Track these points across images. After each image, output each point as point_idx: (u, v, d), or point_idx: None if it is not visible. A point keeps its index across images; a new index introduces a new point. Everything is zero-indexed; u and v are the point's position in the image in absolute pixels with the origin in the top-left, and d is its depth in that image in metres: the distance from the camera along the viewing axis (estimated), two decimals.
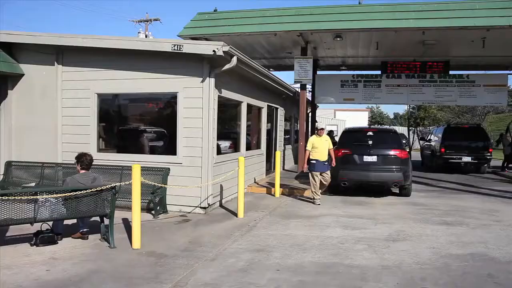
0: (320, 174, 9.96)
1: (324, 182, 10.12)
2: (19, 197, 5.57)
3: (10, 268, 5.22)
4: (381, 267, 5.48)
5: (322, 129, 10.28)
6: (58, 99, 9.55)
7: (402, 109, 60.87)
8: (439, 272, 5.30)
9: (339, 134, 14.00)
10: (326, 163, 10.02)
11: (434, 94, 17.07)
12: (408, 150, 14.11)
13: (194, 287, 4.73)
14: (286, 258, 5.80)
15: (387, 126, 45.28)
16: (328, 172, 10.08)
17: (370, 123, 52.90)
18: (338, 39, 13.62)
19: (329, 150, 10.10)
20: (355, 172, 10.73)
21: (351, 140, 11.31)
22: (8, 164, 9.72)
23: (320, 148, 9.91)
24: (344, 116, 49.54)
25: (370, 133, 11.21)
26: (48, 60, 9.59)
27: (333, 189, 11.39)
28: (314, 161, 9.90)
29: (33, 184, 9.13)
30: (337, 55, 17.15)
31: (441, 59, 16.35)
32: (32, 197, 5.67)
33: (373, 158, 10.68)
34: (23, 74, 9.82)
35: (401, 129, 38.72)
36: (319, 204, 9.83)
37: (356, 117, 48.58)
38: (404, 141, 19.07)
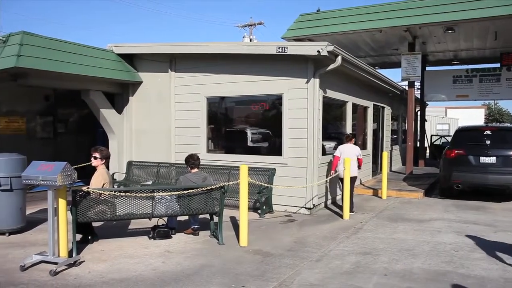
0: None
1: None
2: (139, 194, 6.12)
3: (132, 257, 5.73)
4: (504, 279, 5.00)
5: None
6: (171, 103, 10.25)
7: None
8: None
9: (452, 133, 13.07)
10: None
11: None
12: None
13: (299, 287, 4.76)
14: (394, 263, 5.58)
15: (508, 124, 41.26)
16: None
17: (487, 121, 48.66)
18: (450, 31, 12.75)
19: None
20: (470, 174, 9.95)
21: (465, 140, 10.52)
22: (129, 164, 10.70)
23: None
24: (457, 114, 46.14)
25: (488, 131, 10.31)
26: (162, 68, 10.35)
27: (445, 192, 10.72)
28: None
29: (150, 182, 9.93)
30: (448, 49, 16.07)
31: None
32: (150, 194, 6.16)
33: (492, 159, 9.81)
34: (142, 82, 10.71)
35: None
36: None
37: (470, 115, 44.96)
38: None
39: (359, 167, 9.08)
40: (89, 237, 6.42)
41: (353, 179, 8.84)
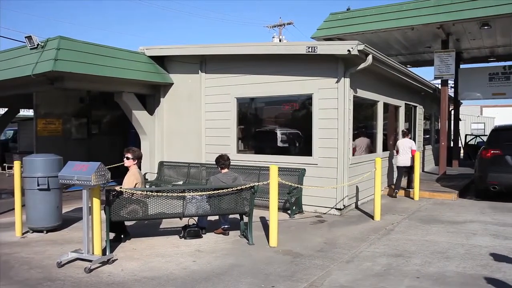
0: None
1: None
2: (170, 194, 6.21)
3: (163, 256, 5.83)
4: None
5: None
6: (202, 104, 10.36)
7: None
8: None
9: (487, 133, 12.68)
10: None
11: None
12: None
13: None
14: (426, 266, 5.47)
15: None
16: None
17: None
18: (486, 27, 12.35)
19: None
20: (507, 175, 9.62)
21: (502, 140, 10.18)
22: (161, 164, 10.88)
23: None
24: (493, 113, 44.70)
25: None
26: (193, 69, 10.48)
27: (480, 193, 10.42)
28: None
29: (181, 182, 10.06)
30: (484, 46, 15.57)
31: None
32: (181, 194, 6.25)
33: None
34: (172, 83, 10.87)
35: None
36: None
37: (507, 114, 43.48)
38: None
39: (412, 157, 10.75)
40: (122, 236, 6.56)
41: (407, 168, 10.82)
